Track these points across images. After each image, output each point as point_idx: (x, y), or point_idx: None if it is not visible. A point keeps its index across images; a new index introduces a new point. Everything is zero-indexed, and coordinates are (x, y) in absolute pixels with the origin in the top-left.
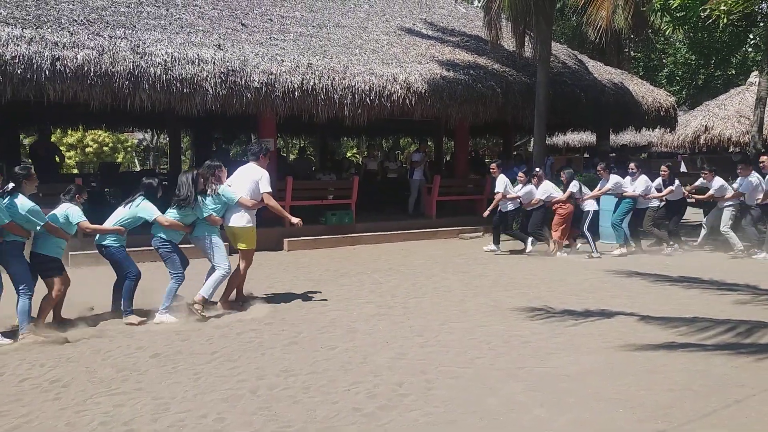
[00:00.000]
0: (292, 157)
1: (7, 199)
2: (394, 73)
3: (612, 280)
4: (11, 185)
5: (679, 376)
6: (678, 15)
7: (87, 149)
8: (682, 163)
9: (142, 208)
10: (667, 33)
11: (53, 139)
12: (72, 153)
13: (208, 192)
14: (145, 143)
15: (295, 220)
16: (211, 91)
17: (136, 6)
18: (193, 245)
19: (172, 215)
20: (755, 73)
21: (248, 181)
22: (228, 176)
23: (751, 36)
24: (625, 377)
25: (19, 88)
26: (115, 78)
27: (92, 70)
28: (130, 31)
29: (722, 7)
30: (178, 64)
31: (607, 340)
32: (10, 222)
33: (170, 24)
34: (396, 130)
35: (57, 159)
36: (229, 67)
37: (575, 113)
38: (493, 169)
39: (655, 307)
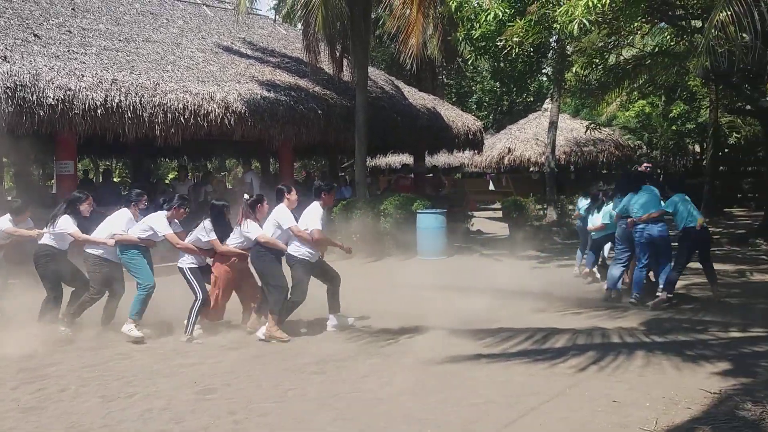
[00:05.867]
0: None
1: None
2: (211, 91)
3: (430, 296)
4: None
5: (483, 389)
6: (479, 45)
7: None
8: (491, 182)
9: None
10: (470, 62)
11: None
12: None
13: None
14: None
15: None
16: None
17: None
18: None
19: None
20: (548, 99)
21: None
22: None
23: (543, 66)
24: (435, 394)
25: None
26: None
27: None
28: None
29: (515, 39)
30: None
31: (420, 357)
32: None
33: None
34: (220, 150)
35: None
36: (18, 82)
37: (393, 136)
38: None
39: (466, 319)
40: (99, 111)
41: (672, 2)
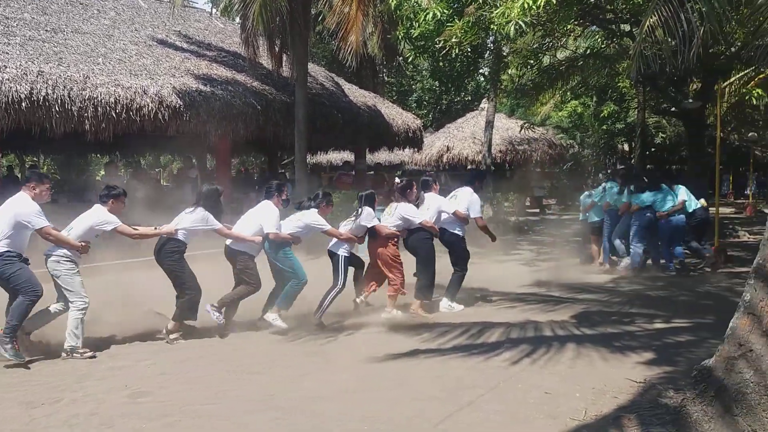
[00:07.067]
0: None
1: None
2: (144, 85)
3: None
4: None
5: (421, 384)
6: (419, 44)
7: None
8: None
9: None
10: (410, 60)
11: None
12: None
13: None
14: None
15: None
16: None
17: None
18: None
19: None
20: (485, 99)
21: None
22: None
23: (481, 66)
24: (375, 391)
25: None
26: None
27: None
28: None
29: (454, 39)
30: None
31: (359, 355)
32: None
33: None
34: (155, 146)
35: None
36: None
37: (333, 133)
38: None
39: (404, 315)
40: (24, 104)
41: (602, 6)
